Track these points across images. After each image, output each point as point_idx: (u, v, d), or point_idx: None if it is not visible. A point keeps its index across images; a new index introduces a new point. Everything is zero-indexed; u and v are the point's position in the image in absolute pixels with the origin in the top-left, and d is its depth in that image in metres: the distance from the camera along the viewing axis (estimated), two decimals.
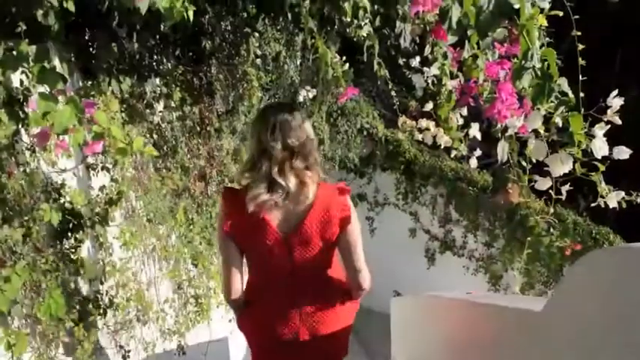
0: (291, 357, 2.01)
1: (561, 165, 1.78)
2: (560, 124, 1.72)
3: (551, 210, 2.37)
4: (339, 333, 2.03)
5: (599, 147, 1.83)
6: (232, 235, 1.90)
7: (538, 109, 1.71)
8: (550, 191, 2.22)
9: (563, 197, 2.01)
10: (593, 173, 1.95)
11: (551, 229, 2.29)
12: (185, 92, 3.60)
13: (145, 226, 3.16)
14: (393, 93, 4.31)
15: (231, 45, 3.94)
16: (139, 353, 3.00)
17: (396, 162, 6.40)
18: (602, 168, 1.97)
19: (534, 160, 2.51)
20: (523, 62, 1.55)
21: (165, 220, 3.34)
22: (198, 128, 3.88)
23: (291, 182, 1.82)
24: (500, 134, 2.53)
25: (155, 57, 3.15)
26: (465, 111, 3.11)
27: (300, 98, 4.52)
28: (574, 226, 5.14)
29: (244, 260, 1.98)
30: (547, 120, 2.02)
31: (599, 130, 1.85)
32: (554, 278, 5.56)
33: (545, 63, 1.65)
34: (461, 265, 6.32)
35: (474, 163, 3.26)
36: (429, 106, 3.19)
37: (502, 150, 2.44)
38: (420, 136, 4.37)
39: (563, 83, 1.67)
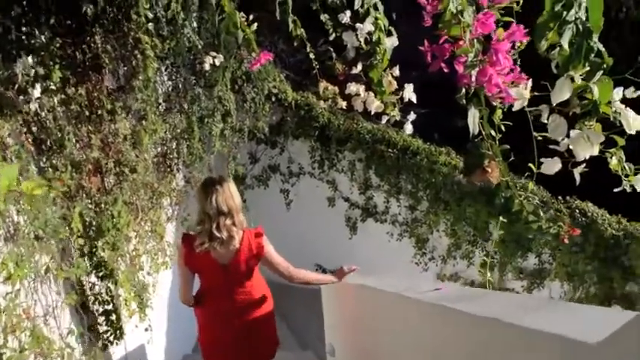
0: (228, 330, 3.13)
1: (589, 146, 1.40)
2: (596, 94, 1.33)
3: (531, 187, 2.02)
4: (264, 315, 3.19)
5: (633, 119, 1.47)
6: (189, 265, 3.03)
7: (571, 75, 1.31)
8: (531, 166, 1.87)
9: (577, 182, 1.65)
10: (610, 150, 1.61)
11: (541, 213, 1.93)
12: (67, 70, 2.89)
13: (34, 245, 2.49)
14: (312, 55, 3.82)
15: (118, 8, 3.24)
16: None
17: (309, 128, 5.92)
18: (622, 142, 1.62)
19: (503, 129, 2.15)
20: (564, 14, 1.12)
21: (57, 234, 2.67)
22: (87, 112, 3.18)
23: (224, 235, 2.88)
24: (465, 100, 2.13)
25: (24, 29, 2.45)
26: (396, 71, 2.72)
27: (206, 66, 3.89)
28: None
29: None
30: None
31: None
32: (481, 236, 5.46)
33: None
34: (384, 231, 6.07)
35: (409, 128, 2.91)
36: (358, 68, 2.78)
37: (473, 120, 2.03)
38: (343, 104, 3.93)
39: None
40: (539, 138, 1.53)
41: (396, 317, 2.46)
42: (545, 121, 1.48)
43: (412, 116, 2.86)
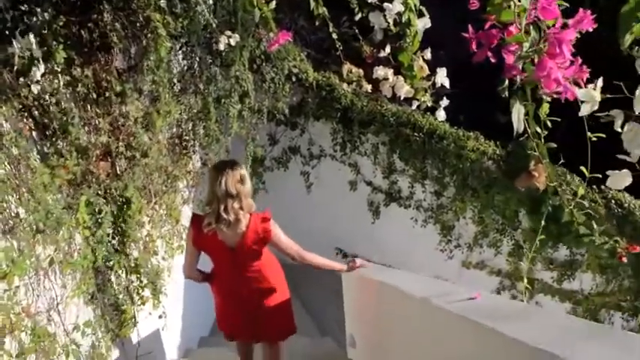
0: (240, 312, 3.30)
1: None
2: None
3: (581, 191, 1.80)
4: (278, 304, 3.30)
5: None
6: (197, 245, 3.14)
7: None
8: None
9: None
10: None
11: (594, 224, 1.70)
12: (72, 50, 2.73)
13: (35, 238, 2.36)
14: (334, 36, 3.60)
15: None
16: None
17: (330, 109, 5.68)
18: None
19: (550, 125, 1.91)
20: None
21: (61, 225, 2.53)
22: (95, 95, 3.02)
23: (231, 217, 2.94)
24: (508, 93, 1.90)
25: (22, 7, 2.29)
26: (428, 54, 2.50)
27: (221, 46, 3.68)
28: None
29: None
30: None
31: None
32: (509, 225, 5.22)
33: None
34: (408, 217, 5.86)
35: (441, 115, 2.70)
36: (387, 50, 2.57)
37: (517, 117, 1.79)
38: (368, 87, 3.70)
39: None
40: (594, 138, 1.31)
41: (420, 323, 2.30)
42: (620, 130, 1.26)
43: (445, 102, 2.64)
